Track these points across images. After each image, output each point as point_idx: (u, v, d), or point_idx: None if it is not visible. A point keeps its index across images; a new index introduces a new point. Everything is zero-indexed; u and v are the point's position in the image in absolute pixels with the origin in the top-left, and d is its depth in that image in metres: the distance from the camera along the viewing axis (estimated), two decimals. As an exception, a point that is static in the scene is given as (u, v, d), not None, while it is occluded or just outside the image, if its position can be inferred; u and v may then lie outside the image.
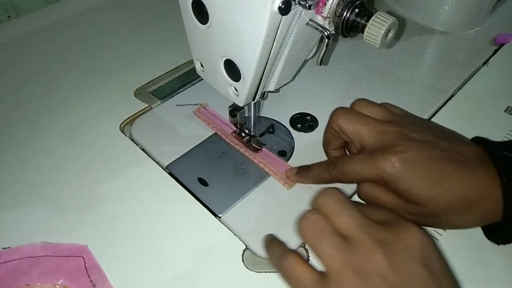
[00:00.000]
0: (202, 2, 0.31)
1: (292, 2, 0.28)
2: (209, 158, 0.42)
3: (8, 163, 0.41)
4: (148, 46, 0.55)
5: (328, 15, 0.32)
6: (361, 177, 0.34)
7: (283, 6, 0.27)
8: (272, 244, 0.33)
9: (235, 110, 0.41)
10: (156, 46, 0.55)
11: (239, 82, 0.35)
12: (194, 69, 0.40)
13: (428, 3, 0.58)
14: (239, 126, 0.43)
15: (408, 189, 0.32)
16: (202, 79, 0.41)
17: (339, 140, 0.37)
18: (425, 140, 0.33)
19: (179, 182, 0.39)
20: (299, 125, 0.45)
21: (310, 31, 0.33)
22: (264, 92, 0.38)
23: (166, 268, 0.34)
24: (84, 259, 0.34)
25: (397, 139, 0.33)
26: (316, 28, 0.31)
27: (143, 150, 0.42)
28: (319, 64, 0.33)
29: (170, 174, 0.40)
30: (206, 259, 0.34)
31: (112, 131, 0.44)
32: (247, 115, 0.42)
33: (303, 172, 0.39)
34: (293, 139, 0.44)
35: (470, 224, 0.34)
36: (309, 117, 0.46)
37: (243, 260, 0.34)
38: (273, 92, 0.39)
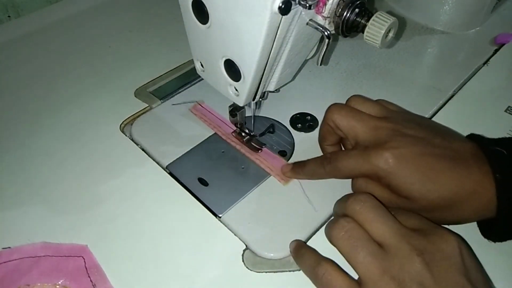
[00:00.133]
0: (202, 2, 0.31)
1: (292, 2, 0.28)
2: (209, 158, 0.42)
3: (8, 163, 0.41)
4: (148, 46, 0.55)
5: (328, 15, 0.32)
6: (355, 172, 0.34)
7: (283, 6, 0.27)
8: (303, 251, 0.32)
9: (235, 110, 0.41)
10: (156, 46, 0.55)
11: (239, 82, 0.35)
12: (194, 69, 0.40)
13: (428, 3, 0.58)
14: (239, 126, 0.43)
15: (401, 184, 0.32)
16: (202, 79, 0.41)
17: (334, 136, 0.38)
18: (418, 136, 0.33)
19: (179, 182, 0.39)
20: (299, 125, 0.45)
21: (310, 31, 0.33)
22: (264, 92, 0.38)
23: (166, 268, 0.34)
24: (84, 259, 0.34)
25: (390, 135, 0.33)
26: (316, 28, 0.31)
27: (143, 150, 0.42)
28: (319, 64, 0.33)
29: (170, 174, 0.40)
30: (206, 259, 0.34)
31: (112, 131, 0.44)
32: (247, 115, 0.42)
33: (298, 168, 0.39)
34: (293, 139, 0.44)
35: (463, 220, 0.34)
36: (309, 117, 0.46)
37: (243, 260, 0.34)
38: (273, 92, 0.39)
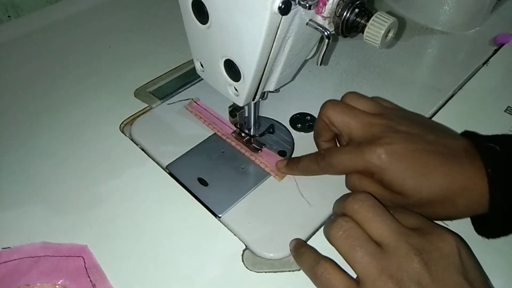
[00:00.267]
0: (202, 2, 0.31)
1: (292, 2, 0.28)
2: (209, 158, 0.42)
3: (8, 163, 0.41)
4: (148, 46, 0.55)
5: (328, 15, 0.32)
6: (348, 168, 0.35)
7: (283, 6, 0.27)
8: (303, 250, 0.32)
9: (235, 110, 0.41)
10: (156, 46, 0.55)
11: (239, 82, 0.35)
12: (194, 69, 0.40)
13: (428, 3, 0.58)
14: (239, 126, 0.43)
15: (393, 180, 0.32)
16: (202, 79, 0.41)
17: (329, 132, 0.38)
18: (411, 133, 0.33)
19: (179, 182, 0.39)
20: (299, 125, 0.45)
21: (310, 31, 0.33)
22: (264, 92, 0.38)
23: (166, 268, 0.34)
24: (84, 259, 0.34)
25: (383, 132, 0.33)
26: (316, 28, 0.31)
27: (143, 150, 0.42)
28: (319, 64, 0.33)
29: (170, 174, 0.40)
30: (206, 259, 0.34)
31: (112, 131, 0.44)
32: (247, 115, 0.42)
33: (293, 164, 0.39)
34: (293, 139, 0.44)
35: (455, 216, 0.34)
36: (309, 117, 0.46)
37: (243, 260, 0.34)
38: (273, 92, 0.39)
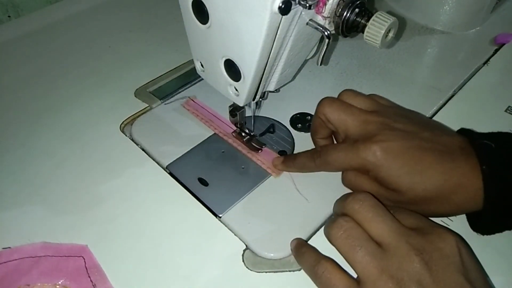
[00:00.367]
0: (202, 2, 0.31)
1: (292, 2, 0.28)
2: (209, 158, 0.42)
3: (8, 163, 0.41)
4: (148, 46, 0.55)
5: (328, 15, 0.32)
6: (344, 166, 0.35)
7: (283, 6, 0.27)
8: (304, 250, 0.32)
9: (235, 110, 0.41)
10: (156, 46, 0.55)
11: (239, 82, 0.35)
12: (194, 69, 0.40)
13: (428, 3, 0.58)
14: (239, 126, 0.43)
15: (388, 177, 0.32)
16: (202, 79, 0.41)
17: (326, 130, 0.38)
18: (407, 130, 0.33)
19: (179, 182, 0.39)
20: (299, 125, 0.45)
21: (310, 31, 0.33)
22: (264, 92, 0.38)
23: (166, 268, 0.34)
24: (84, 259, 0.34)
25: (379, 129, 0.33)
26: (316, 28, 0.31)
27: (143, 150, 0.42)
28: (319, 64, 0.33)
29: (170, 174, 0.40)
30: (206, 259, 0.34)
31: (112, 131, 0.44)
32: (247, 115, 0.42)
33: (289, 161, 0.39)
34: (293, 139, 0.44)
35: (450, 213, 0.34)
36: (309, 117, 0.46)
37: (243, 260, 0.34)
38: (273, 92, 0.39)
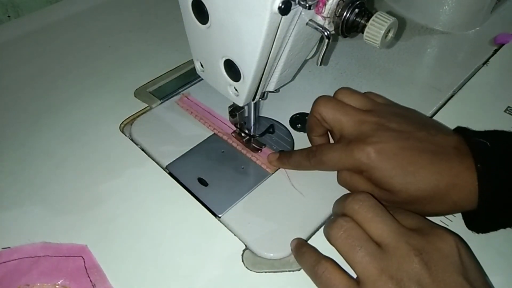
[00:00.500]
0: (202, 2, 0.31)
1: (292, 2, 0.28)
2: (209, 158, 0.42)
3: (8, 163, 0.41)
4: (148, 46, 0.55)
5: (328, 15, 0.32)
6: (338, 166, 0.35)
7: (283, 6, 0.27)
8: (304, 249, 0.33)
9: (235, 110, 0.41)
10: (156, 46, 0.55)
11: (239, 82, 0.35)
12: (194, 69, 0.40)
13: (428, 3, 0.58)
14: (239, 126, 0.43)
15: (382, 177, 0.32)
16: (202, 79, 0.41)
17: (321, 128, 0.38)
18: (401, 130, 0.33)
19: (179, 182, 0.39)
20: (299, 125, 0.45)
21: (310, 31, 0.33)
22: (264, 92, 0.38)
23: (166, 268, 0.34)
24: (84, 259, 0.34)
25: (373, 130, 0.33)
26: (316, 28, 0.31)
27: (143, 150, 0.42)
28: (319, 64, 0.33)
29: (170, 174, 0.40)
30: (206, 259, 0.34)
31: (112, 131, 0.44)
32: (247, 115, 0.42)
33: (284, 159, 0.39)
34: (293, 139, 0.44)
35: (445, 212, 0.34)
36: (309, 117, 0.46)
37: (243, 260, 0.34)
38: (273, 92, 0.39)
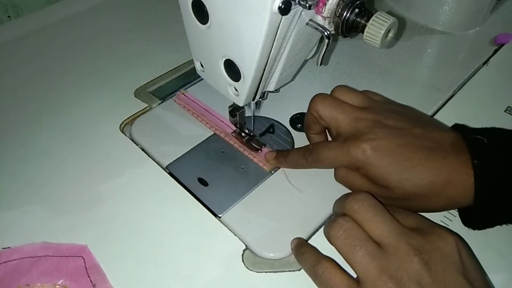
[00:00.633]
0: (202, 2, 0.31)
1: (292, 2, 0.28)
2: (209, 158, 0.42)
3: (8, 163, 0.41)
4: (148, 46, 0.55)
5: (328, 15, 0.32)
6: (335, 163, 0.35)
7: (283, 6, 0.27)
8: (304, 249, 0.33)
9: (235, 110, 0.41)
10: (156, 46, 0.55)
11: (239, 82, 0.35)
12: (194, 69, 0.40)
13: (428, 3, 0.58)
14: (239, 126, 0.43)
15: (378, 174, 0.33)
16: (202, 79, 0.41)
17: (318, 126, 0.38)
18: (397, 127, 0.34)
19: (179, 182, 0.39)
20: (299, 125, 0.45)
21: (310, 31, 0.33)
22: (264, 92, 0.38)
23: (166, 268, 0.34)
24: (84, 259, 0.34)
25: (369, 127, 0.34)
26: (316, 28, 0.31)
27: (143, 150, 0.42)
28: (319, 64, 0.33)
29: (170, 174, 0.40)
30: (206, 259, 0.34)
31: (112, 131, 0.44)
32: (247, 115, 0.42)
33: (281, 157, 0.39)
34: (293, 139, 0.44)
35: (440, 208, 0.35)
36: (309, 117, 0.46)
37: (243, 260, 0.34)
38: (273, 92, 0.39)
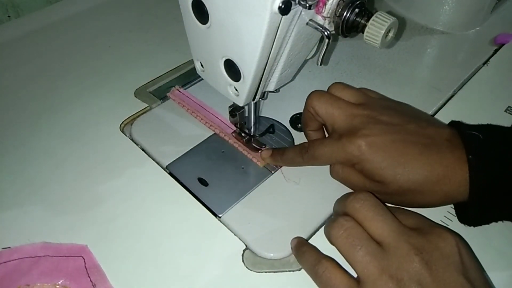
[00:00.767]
0: (202, 2, 0.31)
1: (292, 2, 0.28)
2: (209, 158, 0.42)
3: (8, 163, 0.41)
4: (148, 46, 0.55)
5: (328, 15, 0.32)
6: (331, 160, 0.36)
7: (283, 6, 0.27)
8: (304, 249, 0.33)
9: (235, 110, 0.41)
10: (156, 46, 0.55)
11: (239, 82, 0.35)
12: (194, 69, 0.40)
13: (428, 3, 0.58)
14: (239, 126, 0.43)
15: (373, 169, 0.33)
16: (202, 79, 0.41)
17: (315, 122, 0.38)
18: (392, 123, 0.34)
19: (179, 182, 0.39)
20: (299, 125, 0.45)
21: (310, 31, 0.33)
22: (264, 92, 0.38)
23: (166, 268, 0.34)
24: (84, 259, 0.34)
25: (364, 123, 0.34)
26: (316, 28, 0.31)
27: (143, 150, 0.42)
28: (319, 64, 0.33)
29: (170, 174, 0.40)
30: (206, 259, 0.34)
31: (112, 131, 0.44)
32: (247, 115, 0.42)
33: (277, 155, 0.39)
34: (293, 139, 0.44)
35: (435, 203, 0.35)
36: (309, 117, 0.46)
37: (243, 260, 0.34)
38: (273, 92, 0.39)
